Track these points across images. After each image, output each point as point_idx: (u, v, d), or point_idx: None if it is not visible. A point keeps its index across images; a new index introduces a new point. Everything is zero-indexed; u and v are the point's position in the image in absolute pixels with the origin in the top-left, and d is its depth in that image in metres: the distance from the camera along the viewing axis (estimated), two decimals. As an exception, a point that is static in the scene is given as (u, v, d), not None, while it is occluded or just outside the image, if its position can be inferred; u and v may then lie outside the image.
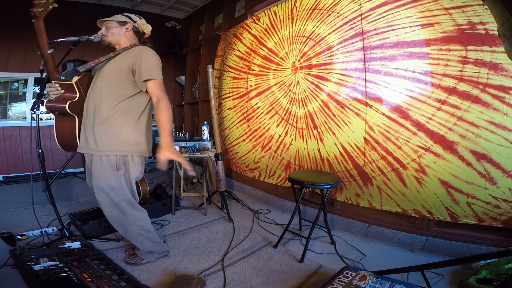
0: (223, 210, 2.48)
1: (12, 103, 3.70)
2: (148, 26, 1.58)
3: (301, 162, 2.39)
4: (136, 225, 1.50)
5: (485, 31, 1.39)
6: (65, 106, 1.33)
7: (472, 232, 1.64)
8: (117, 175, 1.39)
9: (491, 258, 1.33)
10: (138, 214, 1.50)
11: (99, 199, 1.43)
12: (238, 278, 1.50)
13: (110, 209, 1.44)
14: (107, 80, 1.39)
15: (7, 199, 2.67)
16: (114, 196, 1.41)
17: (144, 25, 1.56)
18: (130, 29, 1.49)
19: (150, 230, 1.58)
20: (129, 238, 1.56)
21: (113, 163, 1.38)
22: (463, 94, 1.49)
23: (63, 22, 3.64)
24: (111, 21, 1.47)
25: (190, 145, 2.65)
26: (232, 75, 2.99)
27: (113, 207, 1.43)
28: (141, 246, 1.57)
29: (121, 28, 1.47)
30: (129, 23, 1.49)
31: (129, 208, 1.46)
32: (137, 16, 1.55)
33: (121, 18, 1.48)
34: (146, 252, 1.60)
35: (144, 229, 1.54)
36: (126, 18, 1.49)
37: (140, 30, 1.54)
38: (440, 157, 1.60)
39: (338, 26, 1.97)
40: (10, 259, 1.53)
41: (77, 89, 1.39)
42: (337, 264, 1.63)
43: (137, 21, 1.53)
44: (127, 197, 1.44)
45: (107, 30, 1.46)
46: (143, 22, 1.56)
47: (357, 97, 1.89)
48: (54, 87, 1.35)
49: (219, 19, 3.65)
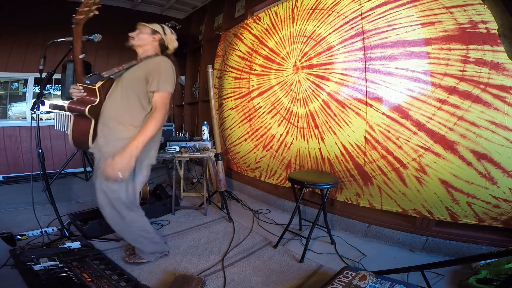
0: (223, 210, 2.48)
1: (12, 103, 3.71)
2: (175, 42, 1.60)
3: (302, 162, 2.39)
4: (134, 226, 1.50)
5: (487, 30, 1.39)
6: (85, 110, 1.37)
7: (472, 232, 1.63)
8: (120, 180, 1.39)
9: (491, 258, 1.33)
10: (135, 216, 1.50)
11: (99, 199, 1.44)
12: (238, 278, 1.50)
13: (109, 210, 1.45)
14: (126, 88, 1.41)
15: (7, 199, 2.67)
16: (113, 198, 1.41)
17: (172, 41, 1.58)
18: (157, 39, 1.52)
19: (149, 230, 1.58)
20: (129, 240, 1.56)
21: None
22: (464, 94, 1.48)
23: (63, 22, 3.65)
24: (146, 27, 1.50)
25: (190, 145, 2.65)
26: (234, 75, 2.99)
27: (112, 208, 1.44)
28: (142, 247, 1.57)
29: (150, 36, 1.50)
30: (159, 34, 1.52)
31: (126, 210, 1.45)
32: (170, 30, 1.58)
33: (156, 27, 1.52)
34: (146, 253, 1.60)
35: (142, 229, 1.54)
36: (160, 29, 1.53)
37: (165, 43, 1.56)
38: (441, 156, 1.59)
39: (338, 26, 1.96)
40: (10, 259, 1.53)
41: (98, 94, 1.43)
42: (337, 264, 1.63)
43: (168, 35, 1.56)
44: (122, 199, 1.43)
45: (138, 33, 1.49)
46: (172, 38, 1.58)
47: (358, 97, 1.89)
48: (78, 89, 1.38)
49: (219, 19, 3.65)
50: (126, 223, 1.47)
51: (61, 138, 3.90)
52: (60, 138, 3.89)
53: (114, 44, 3.42)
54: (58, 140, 3.90)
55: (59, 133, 3.83)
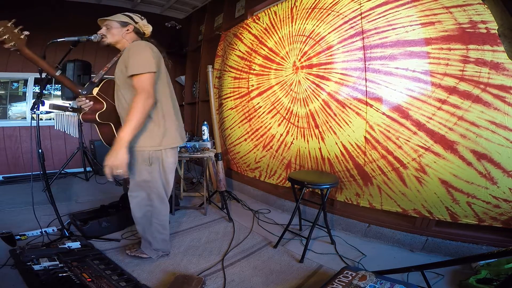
0: (223, 210, 2.48)
1: (12, 103, 3.70)
2: (149, 27, 1.56)
3: (302, 162, 2.39)
4: (158, 219, 1.55)
5: (486, 30, 1.38)
6: (96, 118, 1.38)
7: (472, 232, 1.63)
8: (150, 169, 1.43)
9: (491, 258, 1.33)
10: (163, 209, 1.55)
11: (131, 191, 1.48)
12: (238, 278, 1.50)
13: (140, 200, 1.48)
14: (119, 84, 1.40)
15: (7, 199, 2.67)
16: (147, 188, 1.45)
17: (145, 26, 1.54)
18: (131, 30, 1.47)
19: (166, 227, 1.63)
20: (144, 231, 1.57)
21: (146, 158, 1.41)
22: (464, 94, 1.48)
23: (63, 22, 3.65)
24: (112, 21, 1.43)
25: (190, 145, 2.65)
26: (233, 75, 2.99)
27: (144, 198, 1.48)
28: (153, 241, 1.59)
29: (121, 29, 1.44)
30: (130, 25, 1.46)
31: (158, 201, 1.51)
32: (138, 16, 1.52)
33: (122, 18, 1.45)
34: (152, 249, 1.61)
35: (162, 224, 1.58)
36: (127, 19, 1.46)
37: (141, 30, 1.52)
38: (441, 156, 1.59)
39: (338, 25, 1.96)
40: (10, 259, 1.53)
41: (102, 99, 1.43)
42: (337, 264, 1.63)
43: (139, 22, 1.50)
44: (158, 190, 1.48)
45: (107, 30, 1.43)
46: (144, 23, 1.53)
47: (358, 97, 1.89)
48: (83, 101, 1.38)
49: (219, 19, 3.65)
50: (152, 212, 1.52)
51: (61, 138, 3.90)
52: (60, 138, 3.89)
53: (114, 44, 3.44)
54: (58, 140, 3.90)
55: (59, 133, 3.83)
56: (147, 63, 1.29)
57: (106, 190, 3.09)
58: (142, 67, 1.28)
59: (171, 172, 1.53)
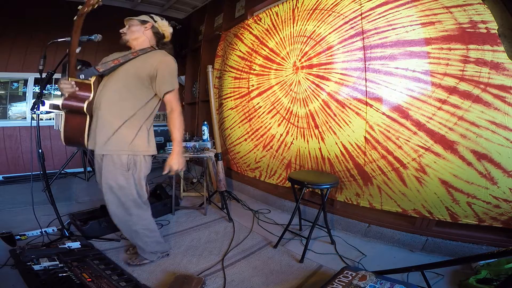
0: (223, 210, 2.48)
1: (12, 103, 3.70)
2: (168, 28, 1.58)
3: (302, 162, 2.39)
4: (140, 224, 1.52)
5: (486, 30, 1.38)
6: (84, 107, 1.35)
7: (472, 232, 1.63)
8: (127, 174, 1.41)
9: (491, 258, 1.33)
10: (143, 214, 1.52)
11: (106, 197, 1.44)
12: (238, 278, 1.50)
13: (115, 208, 1.46)
14: (126, 82, 1.39)
15: (7, 199, 2.67)
16: (122, 195, 1.43)
17: (164, 26, 1.55)
18: (149, 28, 1.49)
19: (154, 229, 1.60)
20: (132, 238, 1.56)
21: (124, 163, 1.40)
22: (464, 94, 1.48)
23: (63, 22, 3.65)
24: (134, 19, 1.49)
25: (190, 145, 2.65)
26: (234, 75, 2.99)
27: (119, 205, 1.45)
28: (145, 246, 1.57)
29: (141, 27, 1.48)
30: (149, 22, 1.50)
31: (135, 207, 1.48)
32: (159, 17, 1.56)
33: (143, 17, 1.51)
34: (148, 252, 1.60)
35: (147, 228, 1.55)
36: (148, 18, 1.51)
37: (160, 31, 1.54)
38: (441, 156, 1.59)
39: (338, 26, 1.96)
40: (10, 259, 1.52)
41: (93, 88, 1.40)
42: (337, 264, 1.63)
43: (158, 21, 1.53)
44: (133, 196, 1.46)
45: (128, 28, 1.47)
46: (164, 23, 1.55)
47: (358, 97, 1.89)
48: (70, 84, 1.33)
49: (219, 19, 3.65)
50: (132, 220, 1.49)
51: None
52: (60, 138, 3.89)
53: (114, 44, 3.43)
54: (58, 140, 3.88)
55: (59, 133, 3.83)
56: (175, 79, 1.46)
57: (106, 190, 3.09)
58: (176, 83, 1.45)
59: (144, 179, 1.52)
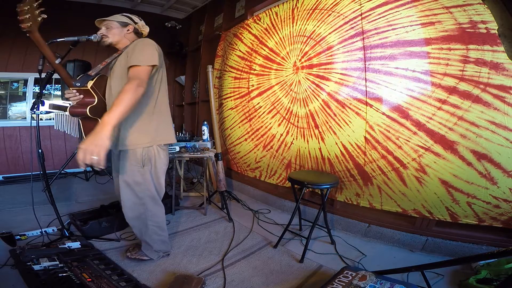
0: (223, 210, 2.48)
1: (12, 103, 3.71)
2: (146, 28, 1.58)
3: (302, 162, 2.39)
4: (153, 221, 1.53)
5: (486, 30, 1.39)
6: (86, 111, 1.35)
7: (472, 232, 1.63)
8: (142, 171, 1.42)
9: (491, 258, 1.32)
10: (158, 210, 1.54)
11: (123, 194, 1.45)
12: (238, 278, 1.50)
13: (132, 204, 1.47)
14: (116, 79, 1.40)
15: (7, 199, 2.67)
16: (139, 191, 1.44)
17: (143, 27, 1.56)
18: (131, 30, 1.49)
19: (164, 228, 1.62)
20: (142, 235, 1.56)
21: (139, 158, 1.40)
22: (464, 94, 1.48)
23: (63, 22, 3.65)
24: (112, 21, 1.45)
25: (190, 145, 2.65)
26: (234, 75, 2.99)
27: (135, 202, 1.46)
28: (152, 243, 1.58)
29: (122, 29, 1.46)
30: (130, 25, 1.48)
31: (151, 203, 1.50)
32: (137, 17, 1.55)
33: (122, 18, 1.47)
34: (153, 250, 1.61)
35: (159, 226, 1.57)
36: (127, 19, 1.48)
37: (140, 31, 1.55)
38: (441, 156, 1.59)
39: (338, 26, 1.96)
40: (10, 259, 1.52)
41: (94, 93, 1.41)
42: (337, 264, 1.63)
43: (138, 23, 1.53)
44: (151, 192, 1.47)
45: (107, 30, 1.44)
46: (143, 24, 1.56)
47: (358, 97, 1.89)
48: (72, 93, 1.36)
49: (219, 19, 3.65)
50: (146, 214, 1.50)
51: (61, 138, 3.90)
52: (60, 138, 3.89)
53: (114, 44, 3.45)
54: (58, 140, 3.90)
55: (59, 133, 3.82)
56: (150, 57, 1.31)
57: (106, 190, 3.09)
58: (144, 60, 1.29)
59: (163, 175, 1.53)
